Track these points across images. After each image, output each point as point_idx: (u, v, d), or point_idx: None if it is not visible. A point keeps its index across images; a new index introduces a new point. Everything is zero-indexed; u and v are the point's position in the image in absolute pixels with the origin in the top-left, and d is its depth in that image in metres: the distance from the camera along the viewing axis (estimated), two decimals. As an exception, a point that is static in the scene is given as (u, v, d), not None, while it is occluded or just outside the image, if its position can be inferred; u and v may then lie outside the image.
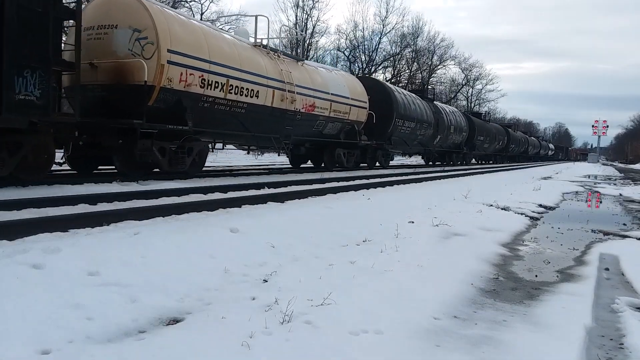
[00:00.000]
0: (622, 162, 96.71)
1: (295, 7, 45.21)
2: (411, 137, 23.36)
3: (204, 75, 10.51)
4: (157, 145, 9.71)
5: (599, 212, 10.77)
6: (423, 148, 26.29)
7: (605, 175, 31.91)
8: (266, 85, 12.59)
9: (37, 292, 2.77)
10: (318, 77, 15.62)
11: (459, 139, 31.18)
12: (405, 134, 22.41)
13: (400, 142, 22.33)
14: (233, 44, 12.02)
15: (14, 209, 5.17)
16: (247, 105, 11.93)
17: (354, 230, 5.64)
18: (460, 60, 61.88)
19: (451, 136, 29.33)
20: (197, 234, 4.41)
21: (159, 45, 9.44)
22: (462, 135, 31.43)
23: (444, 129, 27.63)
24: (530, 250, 5.87)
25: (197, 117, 10.51)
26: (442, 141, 28.04)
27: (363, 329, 2.80)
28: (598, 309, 3.62)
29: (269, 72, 12.81)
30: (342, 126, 16.85)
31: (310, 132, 15.42)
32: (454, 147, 31.22)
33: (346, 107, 16.79)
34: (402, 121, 21.46)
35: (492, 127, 41.29)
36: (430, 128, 25.11)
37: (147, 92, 9.31)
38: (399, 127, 21.38)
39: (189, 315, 2.91)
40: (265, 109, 12.66)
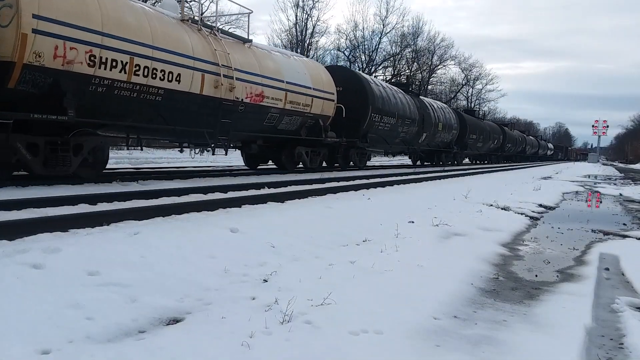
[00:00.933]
0: (622, 162, 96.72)
1: (295, 7, 45.28)
2: (392, 134, 20.88)
3: (93, 51, 8.21)
4: (26, 140, 7.66)
5: (599, 212, 10.77)
6: (406, 147, 23.91)
7: (605, 175, 31.90)
8: (192, 68, 10.17)
9: (37, 292, 2.77)
10: (269, 62, 13.11)
11: (448, 137, 28.69)
12: (384, 131, 19.91)
13: (378, 140, 19.90)
14: (144, 14, 9.46)
15: (14, 209, 5.17)
16: (164, 92, 9.53)
17: (354, 230, 5.64)
18: (460, 60, 61.97)
19: (439, 134, 26.93)
20: (197, 233, 4.42)
21: (19, 8, 7.22)
22: (451, 133, 28.93)
23: (431, 126, 25.25)
24: (530, 250, 5.87)
25: (88, 104, 8.39)
26: (429, 139, 25.77)
27: (363, 329, 2.80)
28: (598, 309, 3.62)
29: (198, 52, 10.40)
30: (303, 121, 14.43)
31: (261, 127, 13.03)
32: (444, 146, 28.77)
33: (307, 99, 14.27)
34: (379, 116, 18.95)
35: (486, 125, 39.18)
36: (414, 125, 22.70)
37: (2, 70, 7.22)
38: (376, 123, 18.87)
39: (189, 315, 2.91)
40: (192, 97, 10.28)
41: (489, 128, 38.89)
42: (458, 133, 30.06)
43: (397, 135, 21.52)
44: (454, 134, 29.47)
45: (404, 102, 21.84)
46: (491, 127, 40.56)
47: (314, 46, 46.45)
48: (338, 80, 16.74)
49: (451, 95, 64.02)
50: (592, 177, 27.61)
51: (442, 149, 28.87)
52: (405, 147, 23.96)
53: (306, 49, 43.82)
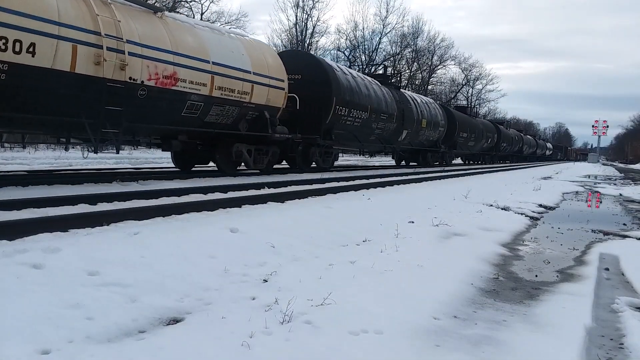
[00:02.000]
0: (622, 162, 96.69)
1: (295, 7, 45.32)
2: (364, 130, 18.21)
3: None
4: None
5: (599, 212, 10.77)
6: (383, 145, 20.82)
7: (605, 175, 31.90)
8: (56, 36, 7.69)
9: (37, 292, 2.77)
10: (188, 37, 10.37)
11: (434, 136, 26.13)
12: (354, 127, 17.24)
13: (348, 137, 17.26)
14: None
15: (14, 209, 5.18)
16: (7, 67, 7.12)
17: (354, 230, 5.64)
18: (460, 60, 61.99)
19: (423, 132, 24.29)
20: (197, 233, 4.41)
21: None
22: (438, 131, 26.38)
23: (413, 123, 22.41)
24: (530, 250, 5.87)
25: None
26: (412, 137, 23.05)
27: (363, 329, 2.80)
28: (598, 309, 3.62)
29: (66, 16, 7.86)
30: (242, 112, 11.74)
31: (179, 118, 10.30)
32: (429, 144, 26.14)
33: (245, 86, 11.58)
34: (346, 110, 16.18)
35: (478, 122, 36.41)
36: (392, 121, 19.93)
37: None
38: (342, 117, 16.18)
39: (188, 315, 2.91)
40: (58, 75, 7.78)
41: (482, 126, 36.41)
42: (446, 131, 27.50)
43: (371, 132, 18.90)
44: (441, 131, 26.84)
45: (380, 94, 19.13)
46: (484, 125, 37.98)
47: (314, 46, 46.48)
48: (296, 66, 14.70)
49: (451, 95, 64.02)
50: (592, 177, 27.61)
51: (428, 148, 26.31)
52: (382, 146, 21.05)
53: (306, 49, 43.80)
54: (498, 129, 41.80)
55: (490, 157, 42.19)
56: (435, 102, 28.97)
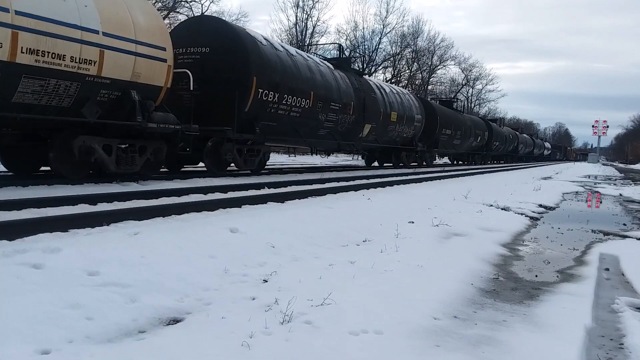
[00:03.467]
0: (622, 162, 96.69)
1: (295, 7, 45.33)
2: (308, 123, 14.40)
3: None
4: None
5: (599, 212, 10.77)
6: (337, 142, 16.91)
7: (605, 175, 31.90)
8: None
9: (37, 292, 2.77)
10: None
11: (409, 132, 22.39)
12: (291, 118, 13.52)
13: (282, 131, 13.52)
14: None
15: (14, 209, 5.17)
16: None
17: (354, 230, 5.64)
18: (460, 61, 62.00)
19: (394, 127, 20.65)
20: (197, 234, 4.41)
21: None
22: (414, 126, 22.65)
23: (378, 116, 18.82)
24: (530, 250, 5.87)
25: None
26: (378, 133, 19.47)
27: (363, 329, 2.80)
28: (598, 309, 3.62)
29: None
30: (86, 90, 8.12)
31: None
32: (404, 142, 22.43)
33: (86, 51, 7.93)
34: (275, 95, 12.49)
35: (466, 118, 32.86)
36: (348, 112, 16.25)
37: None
38: (271, 104, 12.47)
39: (188, 315, 2.91)
40: None
41: (469, 122, 32.89)
42: (423, 126, 23.96)
43: (318, 125, 15.10)
44: (417, 127, 23.17)
45: (330, 79, 15.48)
46: (473, 122, 34.48)
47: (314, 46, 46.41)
48: (202, 36, 11.65)
49: (451, 95, 64.02)
50: (592, 177, 27.60)
51: (402, 146, 22.44)
52: (336, 143, 16.98)
53: (306, 49, 43.82)
54: (489, 126, 38.67)
55: (481, 157, 38.86)
56: (410, 94, 25.53)
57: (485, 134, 36.93)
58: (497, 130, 41.73)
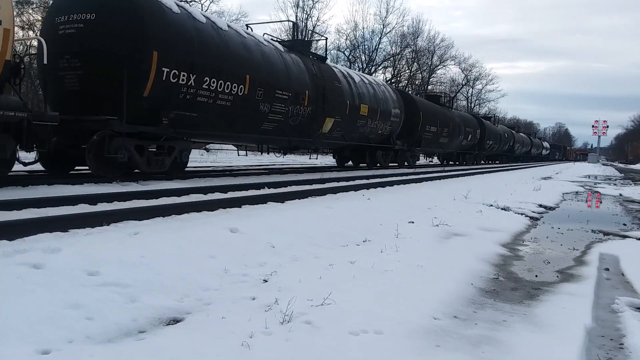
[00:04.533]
0: (622, 162, 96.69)
1: (295, 7, 45.31)
2: (246, 115, 11.65)
3: None
4: None
5: (599, 212, 10.77)
6: (287, 138, 14.03)
7: (605, 175, 31.89)
8: None
9: (37, 292, 2.77)
10: None
11: (385, 128, 19.63)
12: (221, 108, 10.76)
13: (201, 124, 10.59)
14: None
15: (14, 209, 5.17)
16: None
17: (354, 230, 5.64)
18: (460, 60, 61.99)
19: (366, 122, 17.96)
20: (197, 233, 4.41)
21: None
22: (390, 122, 19.91)
23: (343, 109, 16.07)
24: (530, 250, 5.87)
25: None
26: (346, 129, 16.68)
27: (363, 329, 2.80)
28: (598, 309, 3.62)
29: None
30: None
31: None
32: (379, 140, 19.73)
33: None
34: (188, 76, 9.72)
35: (455, 115, 30.37)
36: (301, 103, 13.59)
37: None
38: (185, 89, 9.78)
39: (188, 315, 2.91)
40: None
41: (458, 119, 30.39)
42: (402, 122, 21.24)
43: (261, 118, 12.33)
44: (395, 123, 20.51)
45: (277, 62, 12.79)
46: (463, 119, 31.94)
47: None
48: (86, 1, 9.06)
49: (451, 95, 64.02)
50: (592, 177, 27.60)
51: (377, 144, 19.67)
52: (286, 139, 14.11)
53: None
54: (482, 124, 36.06)
55: (473, 157, 36.04)
56: (387, 85, 22.50)
57: (477, 132, 34.20)
58: (491, 128, 38.94)
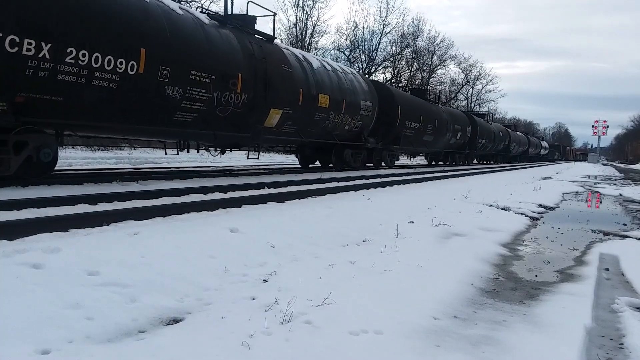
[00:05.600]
0: (622, 162, 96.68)
1: (295, 6, 45.31)
2: (141, 100, 8.92)
3: None
4: None
5: (599, 212, 10.76)
6: (213, 133, 11.08)
7: (605, 175, 31.89)
8: None
9: (36, 292, 2.77)
10: None
11: (354, 124, 16.82)
12: (98, 91, 8.11)
13: (73, 111, 8.00)
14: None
15: (14, 209, 5.18)
16: None
17: (354, 230, 5.64)
18: (460, 60, 62.00)
19: (327, 115, 15.02)
20: (197, 233, 4.41)
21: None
22: (360, 116, 17.05)
23: (296, 98, 13.22)
24: (530, 250, 5.87)
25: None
26: (300, 123, 13.83)
27: (363, 329, 2.80)
28: (598, 309, 3.62)
29: None
30: None
31: None
32: (347, 137, 16.89)
33: None
34: (38, 45, 7.05)
35: (442, 111, 27.84)
36: (233, 89, 10.99)
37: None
38: (27, 60, 7.03)
39: (188, 315, 2.91)
40: None
41: (446, 115, 27.78)
42: (376, 117, 18.45)
43: (168, 106, 9.54)
44: (366, 117, 17.57)
45: (198, 35, 10.19)
46: (451, 115, 29.41)
47: (314, 46, 46.49)
48: None
49: (451, 95, 64.03)
50: (592, 177, 27.60)
51: (344, 141, 16.82)
52: (211, 134, 11.06)
53: (306, 49, 43.83)
54: (473, 121, 33.15)
55: (464, 157, 33.27)
56: (358, 74, 19.20)
57: (467, 130, 31.35)
58: (484, 125, 36.04)
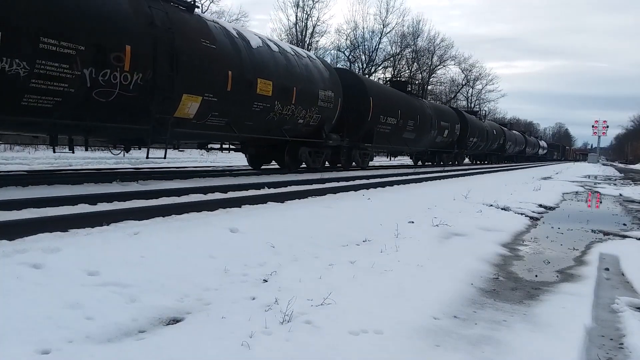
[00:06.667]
0: (622, 162, 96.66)
1: (295, 7, 45.32)
2: None
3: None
4: None
5: (599, 212, 10.76)
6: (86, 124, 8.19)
7: (605, 175, 31.89)
8: None
9: (36, 292, 2.77)
10: None
11: (311, 117, 13.92)
12: None
13: None
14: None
15: (14, 209, 5.18)
16: None
17: (354, 230, 5.64)
18: (460, 60, 62.00)
19: (274, 107, 12.27)
20: (197, 233, 4.41)
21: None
22: (318, 107, 14.07)
23: (224, 84, 10.49)
24: (530, 250, 5.86)
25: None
26: (234, 116, 11.19)
27: (363, 329, 2.80)
28: (598, 309, 3.62)
29: None
30: None
31: None
32: (302, 133, 14.08)
33: None
34: None
35: (425, 106, 24.65)
36: (115, 66, 8.08)
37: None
38: None
39: (188, 315, 2.91)
40: None
41: (430, 111, 24.68)
42: (340, 110, 15.47)
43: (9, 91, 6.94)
44: (326, 110, 14.53)
45: None
46: (437, 111, 26.43)
47: (314, 46, 46.49)
48: None
49: (451, 95, 64.04)
50: (592, 177, 27.59)
51: (300, 138, 14.13)
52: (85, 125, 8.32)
53: (306, 49, 43.83)
54: (463, 118, 30.35)
55: (453, 157, 30.47)
56: (318, 58, 15.90)
57: (456, 127, 28.56)
58: (475, 123, 33.17)
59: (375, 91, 18.56)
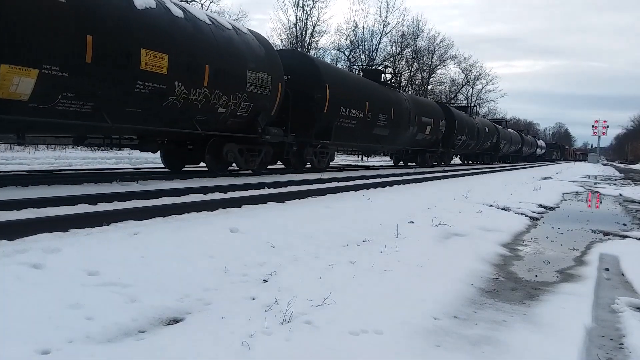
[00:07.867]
0: (622, 162, 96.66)
1: (295, 6, 45.34)
2: None
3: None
4: None
5: (599, 212, 10.76)
6: None
7: (605, 175, 31.89)
8: None
9: (36, 292, 2.77)
10: None
11: (240, 107, 11.25)
12: None
13: None
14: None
15: (14, 209, 5.18)
16: None
17: (354, 230, 5.64)
18: (460, 60, 62.03)
19: (175, 90, 9.35)
20: (197, 233, 4.41)
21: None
22: (248, 95, 11.34)
23: (77, 49, 7.48)
24: (530, 250, 5.87)
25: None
26: (102, 100, 8.16)
27: (363, 329, 2.80)
28: (598, 309, 3.62)
29: None
30: None
31: None
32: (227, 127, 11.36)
33: None
34: None
35: (403, 98, 21.48)
36: None
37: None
38: None
39: (188, 315, 2.91)
40: None
41: (409, 104, 21.59)
42: (280, 98, 12.59)
43: None
44: (261, 98, 11.84)
45: None
46: (417, 105, 23.17)
47: (314, 46, 46.51)
48: None
49: (451, 95, 64.05)
50: (592, 177, 27.59)
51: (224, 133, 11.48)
52: None
53: (306, 49, 43.84)
54: (450, 114, 27.59)
55: (438, 156, 27.31)
56: (250, 32, 12.40)
57: (441, 124, 25.66)
58: (464, 119, 30.17)
59: (332, 77, 15.41)
